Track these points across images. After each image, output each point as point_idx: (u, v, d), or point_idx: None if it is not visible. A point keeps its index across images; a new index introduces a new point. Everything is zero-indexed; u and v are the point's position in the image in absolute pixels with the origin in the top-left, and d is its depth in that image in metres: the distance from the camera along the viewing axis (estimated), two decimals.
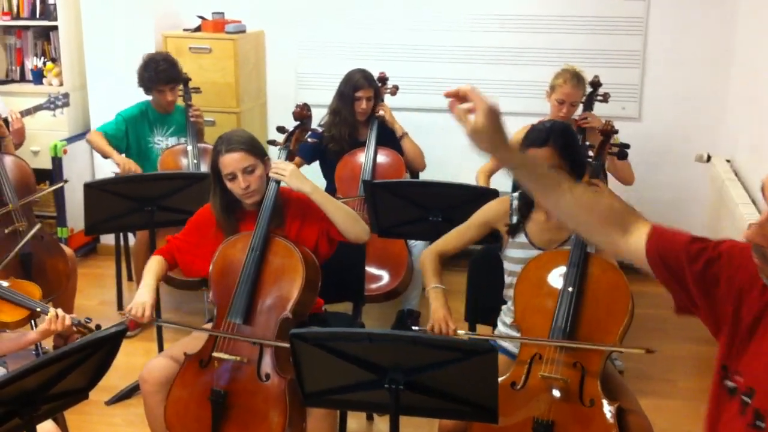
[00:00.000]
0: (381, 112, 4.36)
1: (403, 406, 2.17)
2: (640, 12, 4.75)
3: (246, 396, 2.67)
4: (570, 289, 2.59)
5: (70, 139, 5.02)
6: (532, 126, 2.92)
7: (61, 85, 5.11)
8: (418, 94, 4.97)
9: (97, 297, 4.73)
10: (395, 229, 3.52)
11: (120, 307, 4.59)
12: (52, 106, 4.39)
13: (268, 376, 2.67)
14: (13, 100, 4.88)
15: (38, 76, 5.21)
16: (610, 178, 4.06)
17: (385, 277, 4.03)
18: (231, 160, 2.86)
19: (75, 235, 5.05)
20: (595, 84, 4.30)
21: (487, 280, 3.01)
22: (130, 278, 4.79)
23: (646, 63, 4.82)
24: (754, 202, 3.82)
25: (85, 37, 5.03)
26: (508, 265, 2.88)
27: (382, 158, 4.31)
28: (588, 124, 4.05)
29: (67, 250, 4.00)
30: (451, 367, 2.12)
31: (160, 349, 3.56)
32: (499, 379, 2.34)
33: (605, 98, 4.32)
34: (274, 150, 3.07)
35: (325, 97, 4.47)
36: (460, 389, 2.18)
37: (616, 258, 2.69)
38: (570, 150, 2.73)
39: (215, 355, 2.71)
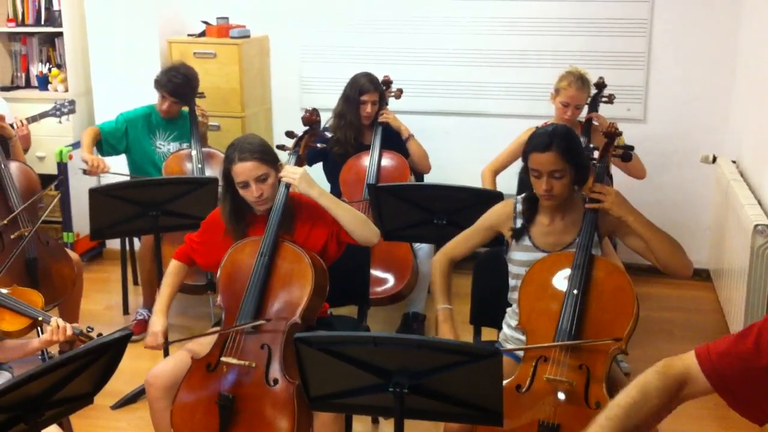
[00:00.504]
0: (384, 119, 4.35)
1: (408, 409, 2.17)
2: (645, 14, 4.74)
3: (254, 401, 2.67)
4: (575, 291, 2.59)
5: (76, 145, 5.02)
6: (535, 130, 2.92)
7: (67, 91, 5.13)
8: (422, 97, 4.97)
9: (103, 302, 4.74)
10: (400, 233, 3.52)
11: (126, 311, 4.61)
12: (58, 113, 4.40)
13: (276, 381, 2.67)
14: (19, 106, 4.90)
15: (43, 83, 5.23)
16: (621, 174, 4.06)
17: (390, 280, 4.03)
18: (244, 169, 2.86)
19: (80, 240, 5.06)
20: (600, 85, 4.30)
21: (491, 283, 3.01)
22: (136, 282, 4.79)
23: (650, 64, 4.81)
24: (759, 203, 3.81)
25: (90, 43, 5.05)
26: (512, 268, 2.88)
27: (387, 161, 4.31)
28: (597, 119, 4.05)
29: (73, 255, 4.01)
30: (456, 371, 2.12)
31: (166, 353, 3.56)
32: (504, 382, 2.34)
33: (610, 99, 4.32)
34: (283, 154, 3.07)
35: (329, 101, 4.48)
36: (464, 392, 2.18)
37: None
38: (573, 153, 2.73)
39: (224, 359, 2.71)
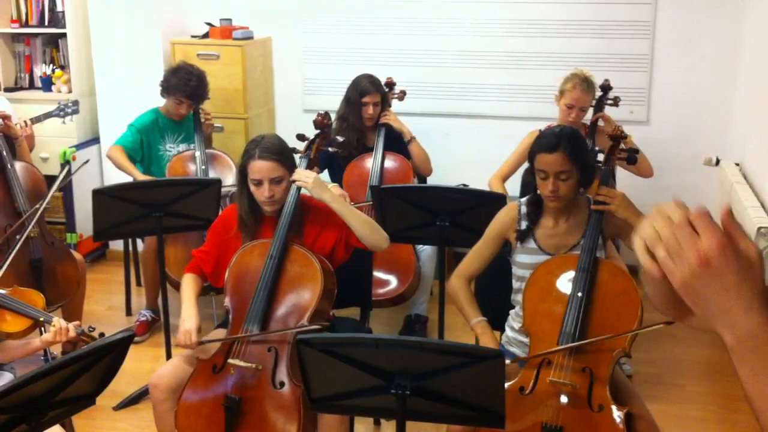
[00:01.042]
0: (386, 120, 4.35)
1: (410, 411, 2.17)
2: (648, 16, 4.73)
3: (260, 403, 2.67)
4: (579, 294, 2.58)
5: (79, 146, 5.04)
6: (541, 131, 2.92)
7: (70, 92, 5.13)
8: (425, 99, 4.96)
9: (106, 302, 4.74)
10: (403, 234, 3.51)
11: (129, 312, 4.61)
12: (62, 113, 4.40)
13: (282, 384, 2.67)
14: (22, 107, 4.91)
15: (47, 84, 5.23)
16: (624, 176, 4.05)
17: (393, 282, 4.03)
18: (262, 167, 2.85)
19: (84, 241, 5.07)
20: (606, 87, 4.29)
21: (494, 285, 3.00)
22: (139, 284, 4.80)
23: (653, 66, 4.80)
24: (762, 206, 3.80)
25: (93, 44, 5.06)
26: (516, 270, 2.88)
27: (390, 163, 4.31)
28: (605, 119, 4.04)
29: (77, 256, 4.02)
30: (458, 373, 2.12)
31: (168, 354, 3.56)
32: (506, 384, 2.34)
33: (615, 102, 4.31)
34: (295, 158, 3.06)
35: (332, 102, 4.48)
36: (467, 394, 2.18)
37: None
38: (580, 155, 2.73)
39: (231, 361, 2.71)
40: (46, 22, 5.21)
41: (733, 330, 0.96)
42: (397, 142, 4.39)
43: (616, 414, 2.42)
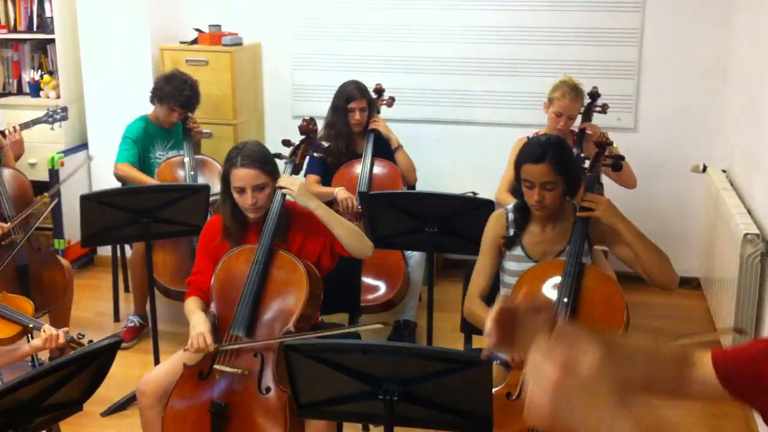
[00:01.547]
0: (375, 126, 4.35)
1: (398, 417, 2.17)
2: (636, 23, 4.76)
3: (246, 409, 2.67)
4: (565, 299, 2.59)
5: (67, 152, 5.03)
6: (528, 140, 2.93)
7: (59, 97, 5.12)
8: (414, 106, 4.97)
9: (94, 308, 4.73)
10: (392, 240, 3.52)
11: (117, 318, 4.59)
12: (51, 119, 4.38)
13: (268, 389, 2.67)
14: (11, 112, 4.89)
15: (35, 89, 5.22)
16: (611, 183, 4.06)
17: (382, 287, 4.03)
18: (244, 175, 2.85)
19: (72, 247, 5.05)
20: (594, 95, 4.30)
21: (491, 291, 3.00)
22: (127, 290, 4.78)
23: (641, 74, 4.83)
24: (749, 212, 3.83)
25: (82, 50, 5.05)
26: (504, 277, 2.89)
27: (379, 169, 4.31)
28: (591, 129, 4.05)
29: (64, 262, 4.00)
30: (446, 378, 2.12)
31: (156, 360, 3.55)
32: (494, 390, 2.34)
33: (603, 109, 4.33)
34: (280, 163, 3.06)
35: (321, 108, 4.48)
36: (454, 400, 2.18)
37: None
38: (566, 166, 2.74)
39: (217, 367, 2.70)
40: (35, 28, 5.20)
41: None
42: (387, 149, 4.39)
43: None
